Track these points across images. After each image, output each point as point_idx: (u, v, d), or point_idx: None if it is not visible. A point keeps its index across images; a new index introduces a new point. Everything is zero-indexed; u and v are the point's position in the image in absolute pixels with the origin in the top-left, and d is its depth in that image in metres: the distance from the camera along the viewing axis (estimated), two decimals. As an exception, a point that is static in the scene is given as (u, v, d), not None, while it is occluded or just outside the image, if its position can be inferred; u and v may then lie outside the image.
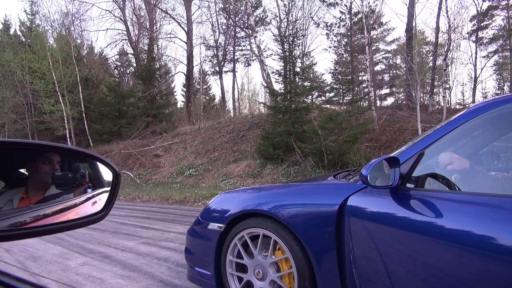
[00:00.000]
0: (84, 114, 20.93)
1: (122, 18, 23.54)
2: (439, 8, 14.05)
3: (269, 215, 2.09)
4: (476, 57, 17.85)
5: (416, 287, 1.56)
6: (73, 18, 23.41)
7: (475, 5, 16.10)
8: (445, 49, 13.72)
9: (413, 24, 14.89)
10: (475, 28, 18.46)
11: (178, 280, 3.05)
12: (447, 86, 15.77)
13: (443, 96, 14.17)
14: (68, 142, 20.11)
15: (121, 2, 23.40)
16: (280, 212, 2.03)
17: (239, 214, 2.26)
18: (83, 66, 22.81)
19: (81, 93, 20.88)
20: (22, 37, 26.48)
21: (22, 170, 0.89)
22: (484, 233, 1.36)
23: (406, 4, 13.86)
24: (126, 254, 4.02)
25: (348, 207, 1.80)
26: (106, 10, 29.92)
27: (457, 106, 19.48)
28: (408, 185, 1.70)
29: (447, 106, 14.27)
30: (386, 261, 1.65)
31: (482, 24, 18.43)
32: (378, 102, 24.50)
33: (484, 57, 19.71)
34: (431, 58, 16.97)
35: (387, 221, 1.66)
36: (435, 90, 18.39)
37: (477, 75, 16.94)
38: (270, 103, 16.01)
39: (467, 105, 14.24)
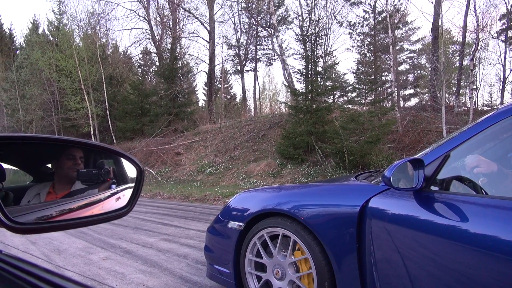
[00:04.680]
0: (108, 112, 21.42)
1: (146, 18, 23.89)
2: (467, 7, 13.65)
3: (289, 215, 2.07)
4: (505, 57, 17.17)
5: (439, 292, 1.53)
6: (99, 18, 23.92)
7: (505, 3, 15.53)
8: (473, 49, 13.32)
9: (440, 23, 14.52)
10: (504, 27, 17.83)
11: (198, 277, 3.07)
12: (474, 86, 15.31)
13: (469, 97, 13.76)
14: (93, 138, 20.60)
15: (146, 2, 23.76)
16: (300, 212, 2.02)
17: (259, 213, 2.26)
18: (107, 65, 23.36)
19: (105, 91, 21.37)
20: (50, 36, 27.24)
21: (49, 165, 0.91)
22: (511, 239, 1.32)
23: (432, 3, 13.53)
24: (147, 250, 4.09)
25: (369, 208, 1.78)
26: (130, 10, 30.53)
27: (485, 108, 18.85)
28: (433, 187, 1.66)
29: (474, 107, 13.85)
30: (408, 265, 1.62)
31: (512, 23, 17.81)
32: (401, 103, 24.08)
33: (513, 57, 19.04)
34: (458, 58, 16.51)
35: (410, 224, 1.63)
36: (461, 91, 17.88)
37: (506, 76, 16.30)
38: (291, 102, 15.97)
39: (495, 107, 13.82)
